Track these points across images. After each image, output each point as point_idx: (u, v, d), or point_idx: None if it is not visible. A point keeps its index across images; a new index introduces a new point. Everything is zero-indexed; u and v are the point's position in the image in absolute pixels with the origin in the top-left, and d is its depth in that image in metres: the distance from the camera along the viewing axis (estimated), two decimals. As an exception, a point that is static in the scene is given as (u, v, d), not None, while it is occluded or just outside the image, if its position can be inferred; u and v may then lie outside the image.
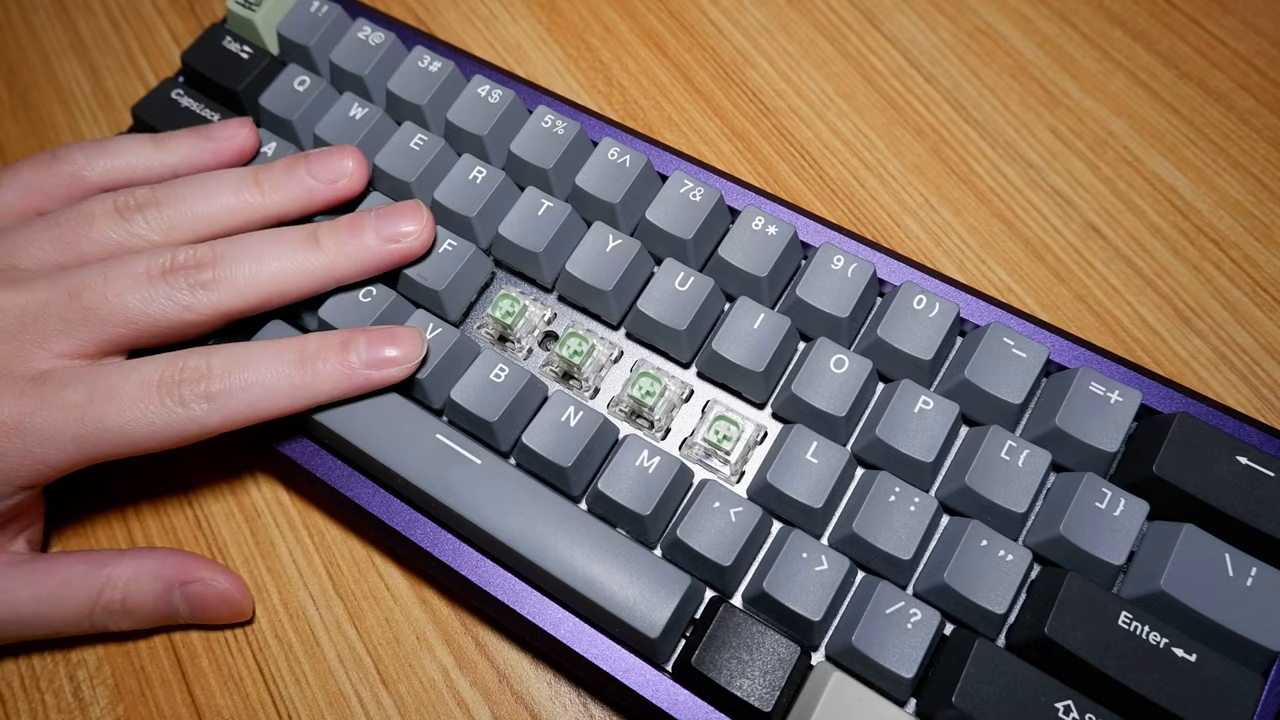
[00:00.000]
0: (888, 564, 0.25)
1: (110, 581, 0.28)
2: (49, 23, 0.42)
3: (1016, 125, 0.37)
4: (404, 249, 0.29)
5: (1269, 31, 0.38)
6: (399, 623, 0.30)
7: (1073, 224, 0.35)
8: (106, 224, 0.29)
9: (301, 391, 0.27)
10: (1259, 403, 0.31)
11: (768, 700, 0.24)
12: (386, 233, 0.29)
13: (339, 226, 0.29)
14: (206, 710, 0.29)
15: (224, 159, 0.32)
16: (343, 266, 0.29)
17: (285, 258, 0.28)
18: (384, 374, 0.28)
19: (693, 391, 0.29)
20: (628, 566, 0.25)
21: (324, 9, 0.35)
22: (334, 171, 0.30)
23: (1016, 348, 0.27)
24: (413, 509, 0.28)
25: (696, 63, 0.39)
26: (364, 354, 0.27)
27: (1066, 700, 0.23)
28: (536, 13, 0.41)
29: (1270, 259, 0.33)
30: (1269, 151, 0.35)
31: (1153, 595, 0.24)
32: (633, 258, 0.29)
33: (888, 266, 0.30)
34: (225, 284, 0.28)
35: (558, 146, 0.31)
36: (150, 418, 0.26)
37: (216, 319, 0.28)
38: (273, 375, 0.27)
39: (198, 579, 0.29)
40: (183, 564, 0.29)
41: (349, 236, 0.29)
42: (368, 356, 0.27)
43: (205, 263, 0.28)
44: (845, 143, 0.37)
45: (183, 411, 0.26)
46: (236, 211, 0.30)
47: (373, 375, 0.27)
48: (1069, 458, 0.26)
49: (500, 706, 0.28)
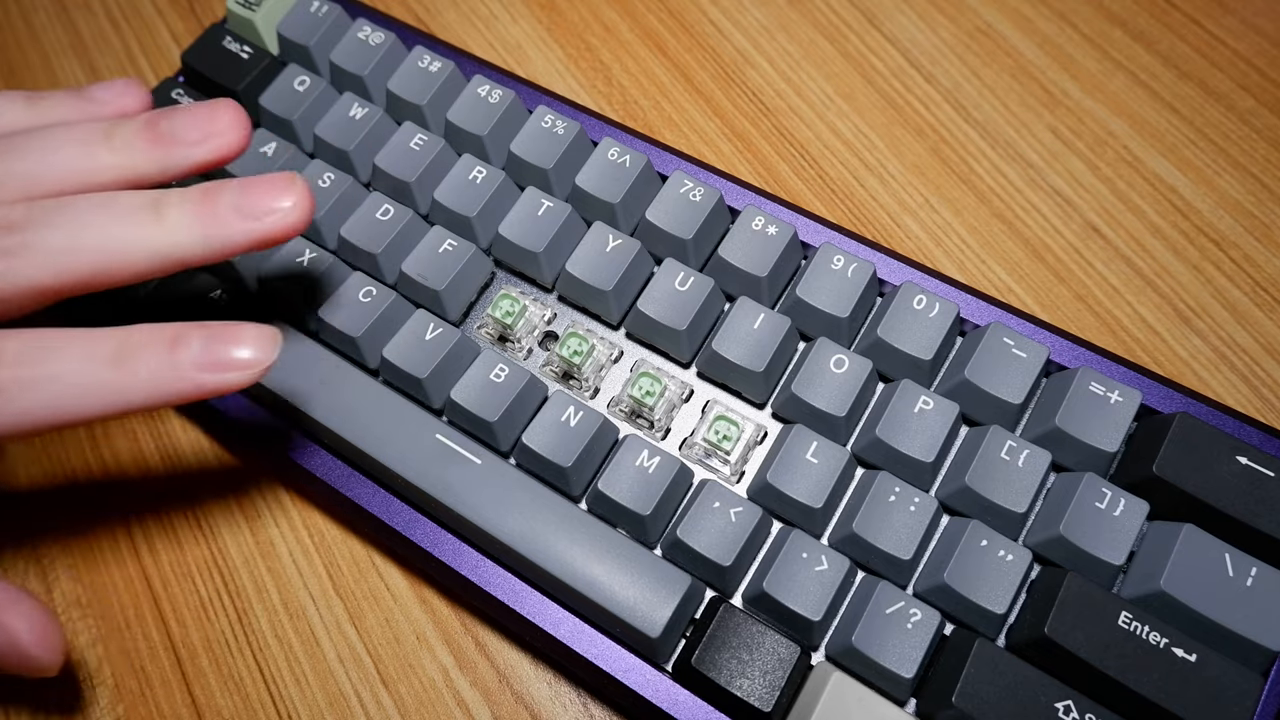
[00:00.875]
0: (888, 564, 0.25)
1: None
2: (49, 23, 0.42)
3: (1016, 125, 0.37)
4: (267, 228, 0.24)
5: (1269, 31, 0.38)
6: (399, 623, 0.30)
7: (1073, 224, 0.35)
8: None
9: (114, 393, 0.22)
10: (1259, 403, 0.31)
11: (768, 700, 0.24)
12: (248, 207, 0.24)
13: (189, 195, 0.24)
14: (206, 710, 0.29)
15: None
16: (188, 245, 0.24)
17: (114, 227, 0.23)
18: (220, 379, 0.23)
19: (693, 391, 0.29)
20: (628, 566, 0.25)
21: (324, 9, 0.35)
22: (201, 129, 0.25)
23: (1016, 348, 0.27)
24: (413, 509, 0.28)
25: (696, 63, 0.39)
26: (197, 353, 0.23)
27: (1066, 700, 0.23)
28: (536, 13, 0.41)
29: (1270, 259, 0.33)
30: (1269, 151, 0.35)
31: (1153, 595, 0.24)
32: (633, 258, 0.29)
33: (888, 266, 0.30)
34: (36, 252, 0.23)
35: (558, 146, 0.31)
36: None
37: (25, 295, 0.23)
38: (77, 370, 0.22)
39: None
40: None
41: (199, 207, 0.24)
42: (202, 357, 0.23)
43: (16, 225, 0.23)
44: (845, 143, 0.37)
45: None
46: (80, 171, 0.25)
47: (205, 380, 0.23)
48: (1069, 458, 0.26)
49: (500, 706, 0.28)
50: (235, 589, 0.30)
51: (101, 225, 0.23)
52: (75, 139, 0.25)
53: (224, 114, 0.25)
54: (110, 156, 0.25)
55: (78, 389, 0.22)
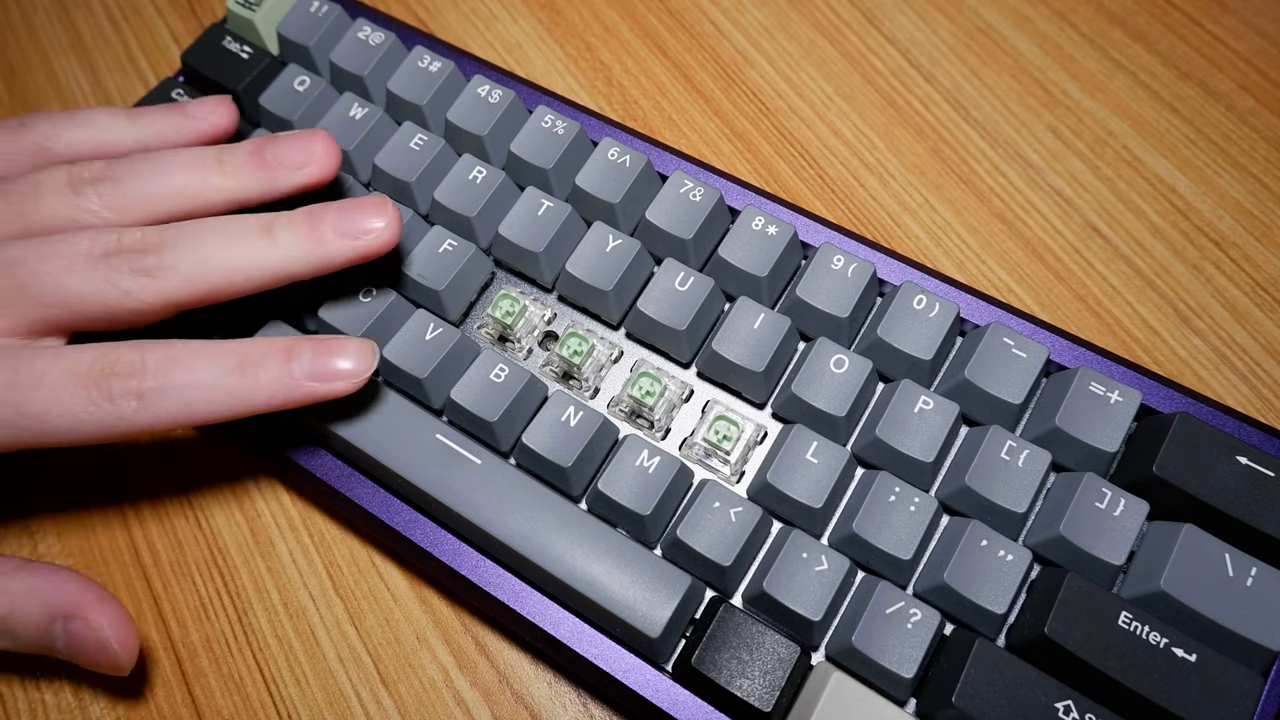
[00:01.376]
0: (888, 564, 0.25)
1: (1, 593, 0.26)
2: (49, 23, 0.42)
3: (1016, 125, 0.37)
4: (365, 246, 0.27)
5: (1269, 31, 0.38)
6: (399, 623, 0.30)
7: (1073, 224, 0.35)
8: (55, 197, 0.27)
9: (238, 399, 0.25)
10: (1259, 403, 0.31)
11: (768, 700, 0.24)
12: (347, 228, 0.27)
13: (296, 218, 0.27)
14: (206, 710, 0.29)
15: (199, 138, 0.31)
16: (298, 262, 0.27)
17: (236, 248, 0.26)
18: (328, 387, 0.26)
19: (693, 391, 0.29)
20: (628, 566, 0.25)
21: (324, 9, 0.35)
22: (301, 156, 0.28)
23: (1016, 348, 0.27)
24: (413, 509, 0.28)
25: (696, 63, 0.39)
26: (308, 365, 0.26)
27: (1066, 700, 0.23)
28: (536, 13, 0.41)
29: (1270, 259, 0.33)
30: (1269, 151, 0.35)
31: (1153, 595, 0.24)
32: (633, 258, 0.29)
33: (888, 266, 0.30)
34: (170, 271, 0.26)
35: (558, 146, 0.31)
36: (74, 410, 0.25)
37: (159, 308, 0.26)
38: (210, 378, 0.25)
39: (83, 616, 0.26)
40: (76, 595, 0.26)
41: (305, 230, 0.27)
42: (311, 368, 0.26)
43: (151, 247, 0.26)
44: (845, 143, 0.37)
45: (109, 407, 0.25)
46: (194, 193, 0.28)
47: (315, 388, 0.26)
48: (1069, 458, 0.26)
49: (500, 706, 0.28)
50: (235, 589, 0.30)
51: (225, 247, 0.26)
52: (189, 165, 0.28)
53: (319, 143, 0.29)
54: (222, 180, 0.28)
55: (209, 395, 0.25)
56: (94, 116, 0.30)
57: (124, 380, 0.25)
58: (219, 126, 0.31)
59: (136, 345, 0.26)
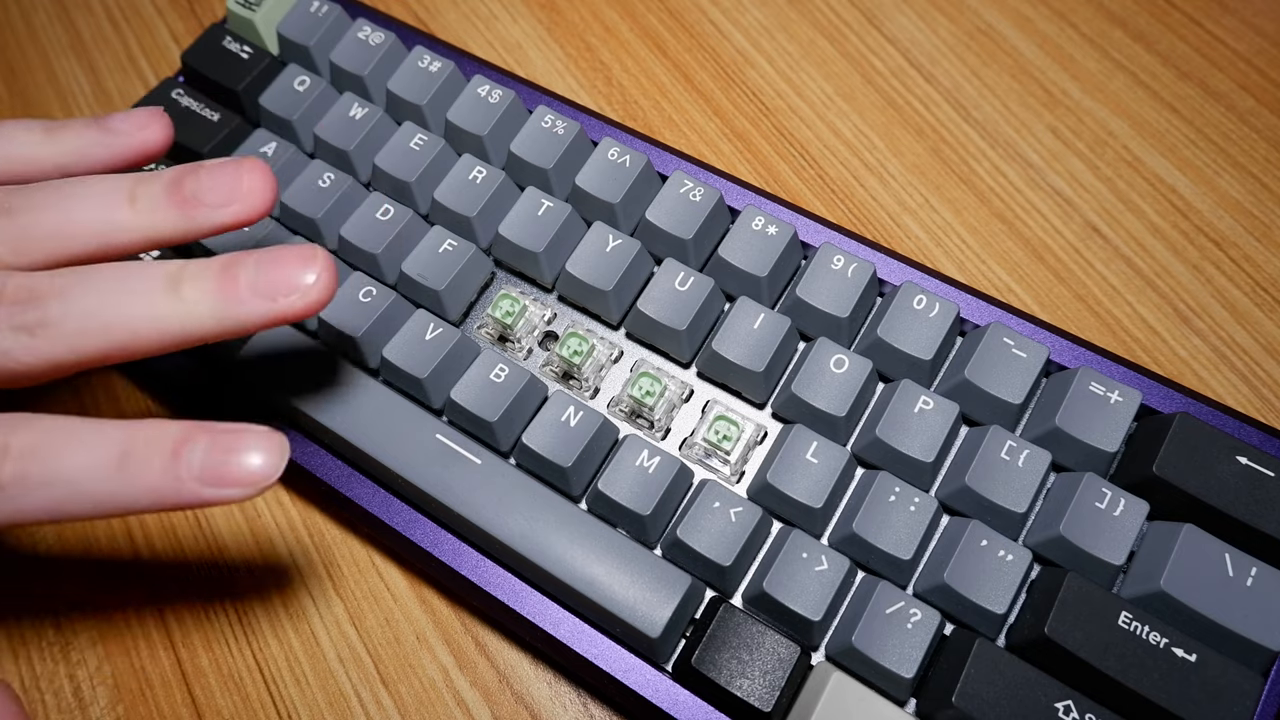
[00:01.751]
0: (888, 564, 0.25)
1: None
2: (49, 23, 0.42)
3: (1016, 125, 0.37)
4: (285, 308, 0.23)
5: (1269, 31, 0.38)
6: (399, 623, 0.30)
7: (1073, 224, 0.35)
8: None
9: (112, 501, 0.22)
10: (1259, 403, 0.31)
11: (768, 700, 0.24)
12: (266, 285, 0.23)
13: (209, 271, 0.23)
14: (206, 710, 0.29)
15: (125, 159, 0.27)
16: (205, 324, 0.23)
17: (134, 304, 0.22)
18: (222, 493, 0.22)
19: (693, 391, 0.29)
20: (628, 566, 0.25)
21: (324, 9, 0.35)
22: (225, 192, 0.24)
23: (1016, 348, 0.27)
24: (413, 509, 0.28)
25: (696, 63, 0.39)
26: (197, 464, 0.22)
27: (1066, 700, 0.23)
28: (536, 13, 0.41)
29: (1270, 259, 0.33)
30: (1269, 151, 0.35)
31: (1153, 595, 0.24)
32: (633, 258, 0.29)
33: (888, 266, 0.30)
34: (54, 329, 0.22)
35: (558, 146, 0.31)
36: None
37: (40, 370, 0.22)
38: (82, 472, 0.21)
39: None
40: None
41: (218, 285, 0.23)
42: (203, 468, 0.22)
43: (37, 297, 0.22)
44: (845, 143, 0.37)
45: None
46: (99, 231, 0.24)
47: (206, 494, 0.22)
48: (1069, 458, 0.26)
49: (500, 706, 0.28)
50: (235, 589, 0.30)
51: (120, 303, 0.23)
52: (98, 199, 0.24)
53: (249, 176, 0.24)
54: (133, 218, 0.24)
55: (78, 493, 0.22)
56: (8, 130, 0.26)
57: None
58: (148, 144, 0.27)
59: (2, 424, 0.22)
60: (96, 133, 0.26)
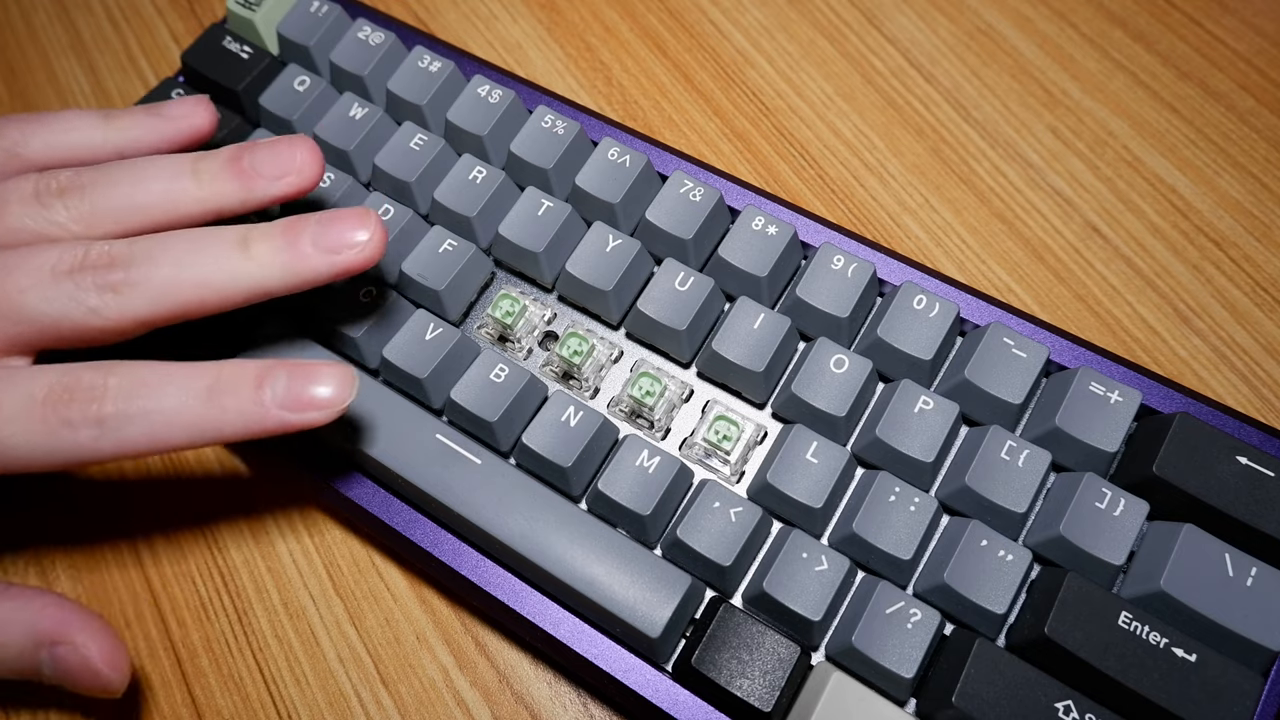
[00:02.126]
0: (888, 564, 0.25)
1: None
2: (49, 23, 0.42)
3: (1016, 125, 0.37)
4: (346, 261, 0.26)
5: (1269, 31, 0.38)
6: (399, 623, 0.30)
7: (1073, 224, 0.35)
8: (22, 209, 0.26)
9: (205, 427, 0.24)
10: (1259, 403, 0.31)
11: (768, 700, 0.24)
12: (327, 242, 0.26)
13: (273, 231, 0.26)
14: (206, 710, 0.29)
15: (176, 141, 0.29)
16: (274, 278, 0.26)
17: (209, 264, 0.25)
18: (302, 417, 0.24)
19: (693, 391, 0.29)
20: (628, 566, 0.25)
21: (324, 9, 0.35)
22: (280, 165, 0.27)
23: (1016, 348, 0.27)
24: (413, 509, 0.28)
25: (696, 63, 0.39)
26: (280, 392, 0.24)
27: (1066, 700, 0.23)
28: (536, 13, 0.41)
29: (1270, 259, 0.33)
30: (1269, 151, 0.35)
31: (1153, 595, 0.24)
32: (633, 258, 0.29)
33: (888, 266, 0.30)
34: (138, 288, 0.25)
35: (558, 146, 0.31)
36: (29, 437, 0.23)
37: (127, 326, 0.25)
38: (175, 405, 0.24)
39: (69, 641, 0.25)
40: (60, 621, 0.25)
41: (283, 244, 0.26)
42: (285, 395, 0.24)
43: (119, 261, 0.25)
44: (845, 143, 0.37)
45: (68, 435, 0.23)
46: (168, 203, 0.27)
47: (288, 418, 0.24)
48: (1069, 458, 0.26)
49: (500, 706, 0.28)
50: (235, 589, 0.30)
51: (197, 262, 0.25)
52: (163, 174, 0.27)
53: (301, 151, 0.27)
54: (197, 190, 0.27)
55: (174, 422, 0.24)
56: (66, 119, 0.29)
57: (83, 406, 0.24)
58: (198, 128, 0.29)
59: (100, 367, 0.24)
60: (151, 118, 0.29)
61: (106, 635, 0.25)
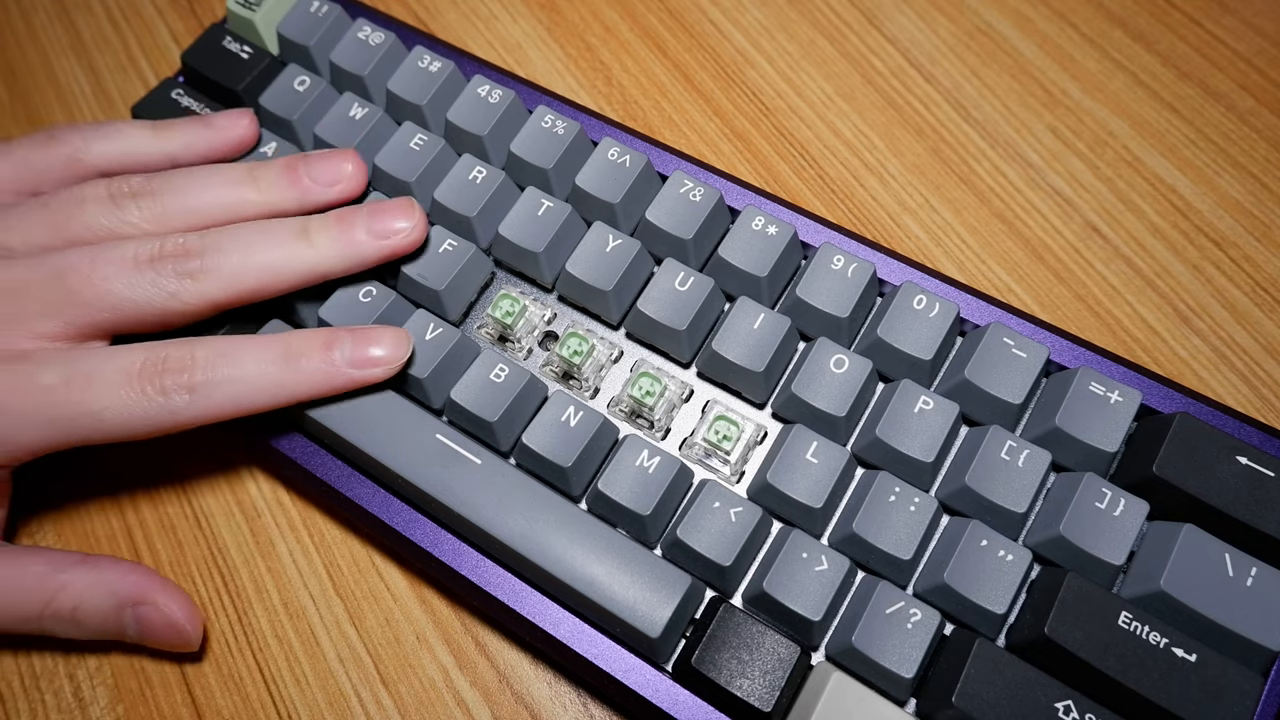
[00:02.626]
0: (888, 564, 0.25)
1: (65, 588, 0.27)
2: (49, 23, 0.42)
3: (1016, 125, 0.37)
4: (394, 245, 0.29)
5: (1269, 31, 0.38)
6: (399, 623, 0.30)
7: (1073, 224, 0.35)
8: (98, 209, 0.29)
9: (284, 388, 0.27)
10: (1259, 403, 0.31)
11: (768, 700, 0.24)
12: (377, 228, 0.29)
13: (329, 221, 0.29)
14: (206, 710, 0.29)
15: (222, 149, 0.32)
16: (332, 261, 0.29)
17: (275, 250, 0.28)
18: (367, 373, 0.27)
19: (693, 391, 0.29)
20: (628, 566, 0.25)
21: (324, 9, 0.35)
22: (332, 174, 0.31)
23: (1016, 348, 0.27)
24: (413, 509, 0.28)
25: (696, 63, 0.39)
26: (348, 352, 0.27)
27: (1066, 700, 0.23)
28: (536, 13, 0.41)
29: (1270, 259, 0.33)
30: (1269, 151, 0.35)
31: (1153, 595, 0.24)
32: (633, 258, 0.29)
33: (888, 266, 0.30)
34: (213, 274, 0.28)
35: (558, 146, 0.31)
36: (128, 406, 0.26)
37: (202, 308, 0.28)
38: (255, 370, 0.27)
39: (151, 601, 0.28)
40: (141, 584, 0.28)
41: (339, 232, 0.29)
42: (352, 355, 0.27)
43: (194, 251, 0.28)
44: (845, 143, 0.37)
45: (162, 401, 0.26)
46: (230, 206, 0.30)
47: (355, 375, 0.27)
48: (1069, 458, 0.26)
49: (500, 706, 0.28)
50: (235, 589, 0.30)
51: (264, 249, 0.28)
52: (225, 180, 0.30)
53: (350, 163, 0.31)
54: (258, 195, 0.30)
55: (256, 386, 0.27)
56: (121, 129, 0.32)
57: (175, 375, 0.26)
58: (243, 138, 0.32)
59: (184, 342, 0.27)
60: (201, 128, 0.32)
61: (182, 596, 0.28)
